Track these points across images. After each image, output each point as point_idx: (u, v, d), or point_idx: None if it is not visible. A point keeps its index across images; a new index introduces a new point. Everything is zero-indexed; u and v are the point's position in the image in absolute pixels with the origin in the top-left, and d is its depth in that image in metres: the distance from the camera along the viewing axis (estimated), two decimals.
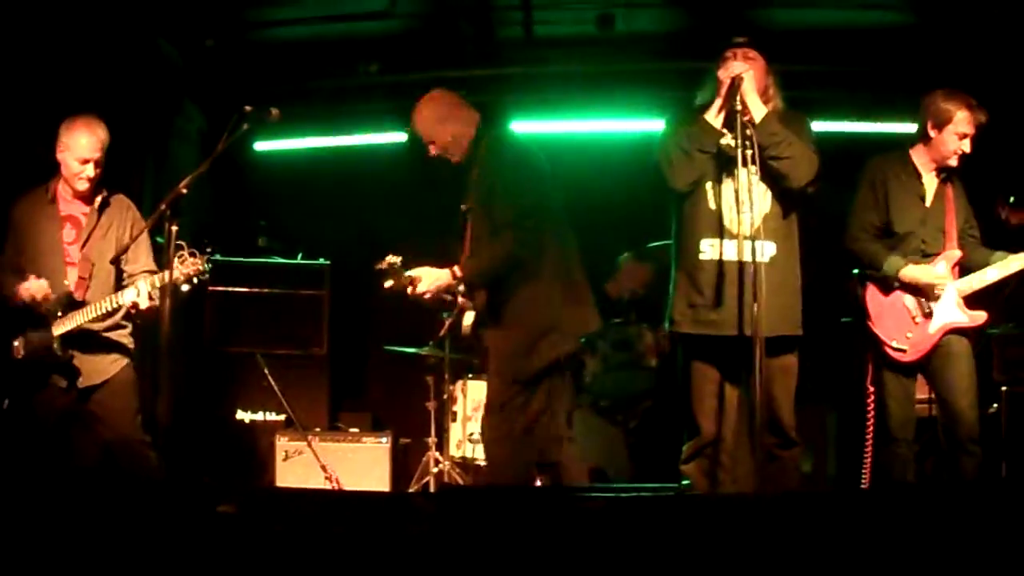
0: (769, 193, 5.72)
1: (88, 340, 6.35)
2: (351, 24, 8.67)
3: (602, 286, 8.82)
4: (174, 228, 5.93)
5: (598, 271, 8.86)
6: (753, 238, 5.55)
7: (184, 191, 5.97)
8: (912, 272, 6.29)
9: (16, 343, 6.34)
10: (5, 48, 7.67)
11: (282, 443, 8.36)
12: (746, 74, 5.66)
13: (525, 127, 9.52)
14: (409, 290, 6.13)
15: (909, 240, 6.41)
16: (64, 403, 6.32)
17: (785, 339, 5.75)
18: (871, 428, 6.61)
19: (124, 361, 6.45)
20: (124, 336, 6.49)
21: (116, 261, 6.30)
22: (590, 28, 8.64)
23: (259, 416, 8.62)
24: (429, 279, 6.10)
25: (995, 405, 7.57)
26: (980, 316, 6.33)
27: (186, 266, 5.98)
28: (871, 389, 6.56)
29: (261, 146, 9.89)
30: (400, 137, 9.69)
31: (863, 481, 6.85)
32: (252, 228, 9.52)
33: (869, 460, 6.80)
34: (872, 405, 6.54)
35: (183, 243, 5.95)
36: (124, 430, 6.31)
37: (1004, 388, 7.51)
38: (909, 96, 6.82)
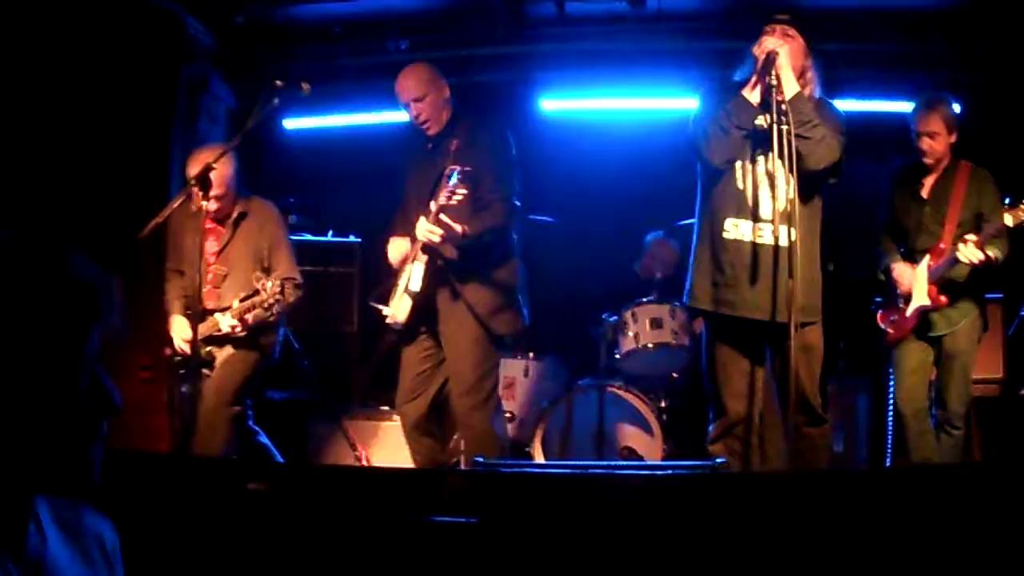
0: (793, 179, 5.63)
1: (227, 340, 6.71)
2: (381, 0, 8.65)
3: (631, 266, 8.83)
4: (204, 204, 5.97)
5: (628, 250, 8.88)
6: (781, 221, 5.53)
7: (214, 167, 6.00)
8: (893, 266, 6.74)
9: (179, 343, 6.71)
10: (29, 26, 7.69)
11: (312, 421, 8.36)
12: (781, 49, 5.59)
13: (555, 105, 9.51)
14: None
15: (907, 239, 6.76)
16: None
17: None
18: (891, 409, 6.88)
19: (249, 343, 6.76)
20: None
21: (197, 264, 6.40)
22: (622, 5, 8.59)
23: (289, 394, 8.59)
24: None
25: None
26: (939, 298, 6.57)
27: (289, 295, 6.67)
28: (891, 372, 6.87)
29: (291, 124, 9.88)
30: None
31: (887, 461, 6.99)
32: (282, 206, 9.50)
33: (891, 440, 6.94)
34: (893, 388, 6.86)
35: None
36: (211, 399, 6.59)
37: None
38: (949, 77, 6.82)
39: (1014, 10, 8.00)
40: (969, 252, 6.30)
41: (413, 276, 6.26)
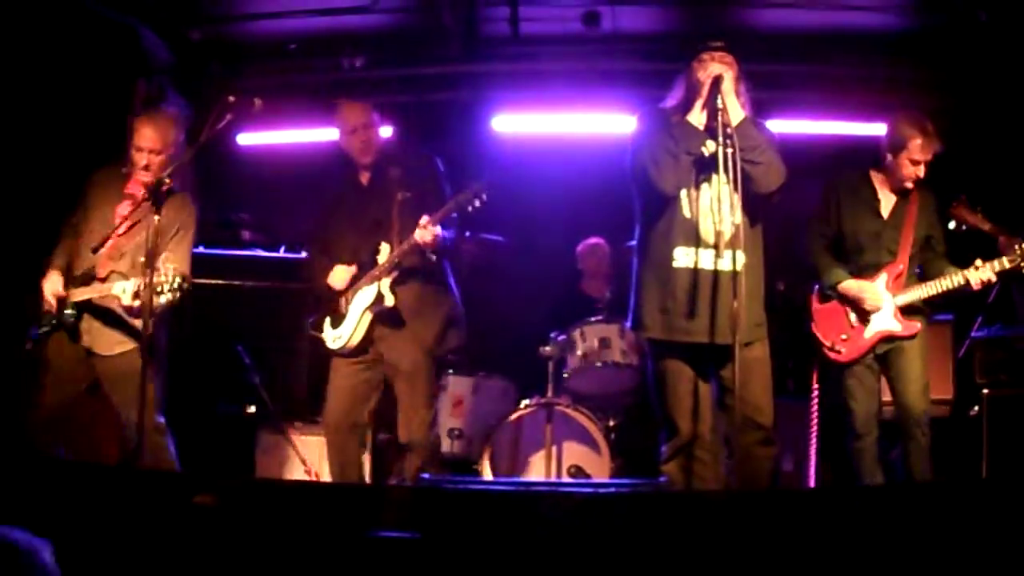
0: (739, 203, 5.66)
1: (103, 313, 6.52)
2: (336, 17, 8.66)
3: (578, 286, 8.92)
4: (156, 218, 5.96)
5: (578, 269, 8.94)
6: (729, 246, 5.60)
7: (167, 181, 6.01)
8: (848, 286, 6.61)
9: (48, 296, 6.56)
10: None
11: (262, 435, 8.34)
12: (726, 74, 5.67)
13: (508, 124, 9.53)
14: None
15: (859, 253, 6.68)
16: (73, 360, 6.59)
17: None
18: (815, 425, 7.15)
19: (130, 346, 6.54)
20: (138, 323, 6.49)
21: (96, 249, 6.35)
22: (576, 26, 8.63)
23: (239, 408, 8.57)
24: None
25: (976, 408, 7.59)
26: (914, 326, 6.57)
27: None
28: (816, 387, 7.09)
29: (245, 139, 9.87)
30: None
31: (809, 476, 7.24)
32: (235, 221, 9.48)
33: (814, 454, 7.23)
34: (816, 403, 7.12)
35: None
36: (132, 416, 6.32)
37: (985, 391, 7.52)
38: (890, 99, 6.88)
39: (972, 34, 8.10)
40: (983, 274, 6.42)
41: (386, 293, 6.66)
